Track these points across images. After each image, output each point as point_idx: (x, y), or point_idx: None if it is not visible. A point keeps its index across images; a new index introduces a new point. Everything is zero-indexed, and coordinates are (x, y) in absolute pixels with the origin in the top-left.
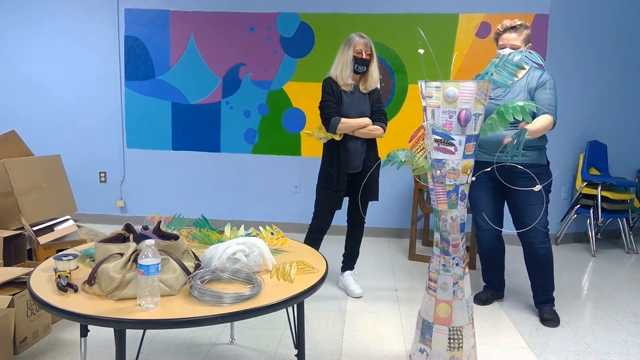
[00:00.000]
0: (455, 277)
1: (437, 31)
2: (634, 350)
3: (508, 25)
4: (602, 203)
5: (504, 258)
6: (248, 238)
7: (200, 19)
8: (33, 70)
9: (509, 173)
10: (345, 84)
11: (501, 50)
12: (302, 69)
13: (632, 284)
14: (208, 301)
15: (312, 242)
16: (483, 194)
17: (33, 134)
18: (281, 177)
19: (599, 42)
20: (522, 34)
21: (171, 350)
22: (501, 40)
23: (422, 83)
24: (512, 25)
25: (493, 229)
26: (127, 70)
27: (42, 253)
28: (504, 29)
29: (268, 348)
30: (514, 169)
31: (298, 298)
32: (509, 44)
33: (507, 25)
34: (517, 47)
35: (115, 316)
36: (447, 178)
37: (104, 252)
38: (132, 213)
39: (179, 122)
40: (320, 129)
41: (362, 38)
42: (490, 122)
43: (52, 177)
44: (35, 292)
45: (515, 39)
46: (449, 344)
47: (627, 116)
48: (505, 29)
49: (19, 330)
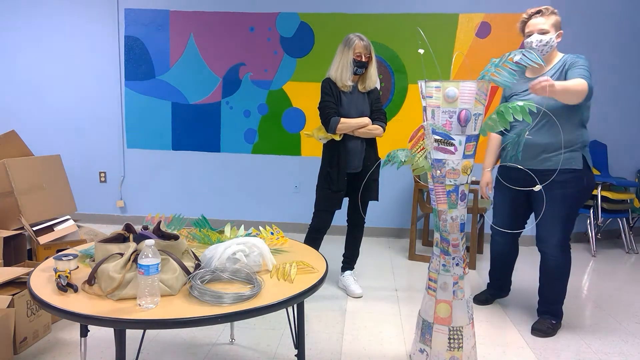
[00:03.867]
0: (455, 277)
1: (437, 31)
2: (634, 350)
3: (533, 11)
4: (602, 203)
5: (513, 262)
6: (248, 238)
7: (200, 19)
8: (33, 70)
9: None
10: (345, 85)
11: (528, 38)
12: (302, 69)
13: (632, 284)
14: (208, 301)
15: (312, 242)
16: (504, 198)
17: (33, 134)
18: (281, 177)
19: (598, 42)
20: (549, 18)
21: (171, 350)
22: (527, 27)
23: (422, 83)
24: (537, 10)
25: (505, 234)
26: (127, 70)
27: (42, 253)
28: (529, 16)
29: (268, 348)
30: (538, 174)
31: (298, 298)
32: (536, 30)
33: (532, 10)
34: (546, 31)
35: (115, 316)
36: (447, 178)
37: (104, 252)
38: (132, 213)
39: (179, 122)
40: (320, 130)
41: (362, 40)
42: (490, 122)
43: (52, 177)
44: (35, 292)
45: (542, 23)
46: (449, 344)
47: (627, 116)
48: (531, 15)
49: (19, 330)
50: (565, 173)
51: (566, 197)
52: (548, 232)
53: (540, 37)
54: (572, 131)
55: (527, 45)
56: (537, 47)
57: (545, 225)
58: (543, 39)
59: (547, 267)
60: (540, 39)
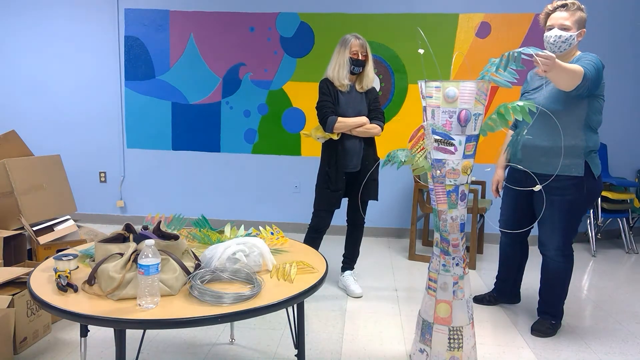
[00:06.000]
0: (455, 277)
1: (437, 31)
2: (634, 350)
3: (559, 4)
4: (602, 203)
5: (519, 264)
6: (248, 238)
7: (200, 19)
8: (33, 70)
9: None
10: (342, 85)
11: (549, 32)
12: (302, 69)
13: (632, 284)
14: (208, 301)
15: (312, 242)
16: (508, 198)
17: (33, 134)
18: (281, 177)
19: (598, 42)
20: (574, 14)
21: (171, 350)
22: (550, 20)
23: (422, 83)
24: (562, 3)
25: (509, 234)
26: (127, 70)
27: (42, 253)
28: (554, 8)
29: (268, 348)
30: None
31: (298, 298)
32: (558, 24)
33: (558, 3)
34: (567, 27)
35: (115, 316)
36: (447, 178)
37: (104, 252)
38: (132, 213)
39: (179, 122)
40: (318, 129)
41: (358, 39)
42: (490, 122)
43: (52, 177)
44: (35, 292)
45: (565, 18)
46: (449, 344)
47: (627, 116)
48: (556, 8)
49: (19, 330)
50: (564, 180)
51: (565, 204)
52: (548, 236)
53: (560, 33)
54: (576, 135)
55: (546, 40)
56: (554, 42)
57: (546, 230)
58: (562, 36)
59: (548, 270)
60: (560, 35)
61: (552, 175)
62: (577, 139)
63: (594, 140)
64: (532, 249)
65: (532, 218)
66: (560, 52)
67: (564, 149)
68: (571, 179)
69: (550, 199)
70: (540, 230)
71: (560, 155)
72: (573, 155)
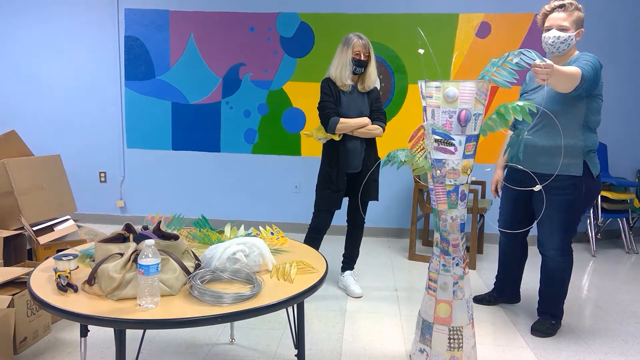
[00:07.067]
0: (455, 277)
1: (437, 31)
2: (634, 350)
3: (556, 4)
4: (602, 203)
5: (519, 264)
6: (248, 238)
7: (200, 19)
8: (33, 70)
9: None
10: (344, 85)
11: (547, 32)
12: (302, 69)
13: (632, 284)
14: (208, 301)
15: (312, 242)
16: (508, 198)
17: (33, 134)
18: (281, 177)
19: (598, 42)
20: (571, 15)
21: (171, 350)
22: (548, 21)
23: (422, 83)
24: (560, 4)
25: (507, 234)
26: (127, 70)
27: (42, 253)
28: (551, 9)
29: (268, 348)
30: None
31: (298, 298)
32: (556, 25)
33: (555, 4)
34: (565, 28)
35: (115, 316)
36: (447, 178)
37: (104, 252)
38: (132, 213)
39: (179, 122)
40: (319, 130)
41: (361, 39)
42: (491, 122)
43: (52, 177)
44: (35, 292)
45: (563, 19)
46: (449, 344)
47: (627, 116)
48: (554, 8)
49: (19, 330)
50: (563, 180)
51: (564, 203)
52: (547, 236)
53: (558, 34)
54: (575, 135)
55: (543, 41)
56: (552, 43)
57: (545, 230)
58: (561, 36)
59: (548, 270)
60: (558, 36)
61: (551, 175)
62: (576, 139)
63: (592, 140)
64: (531, 248)
65: (531, 218)
66: (558, 52)
67: (555, 150)
68: (570, 179)
69: (549, 198)
70: (539, 230)
71: (560, 155)
72: (572, 155)
